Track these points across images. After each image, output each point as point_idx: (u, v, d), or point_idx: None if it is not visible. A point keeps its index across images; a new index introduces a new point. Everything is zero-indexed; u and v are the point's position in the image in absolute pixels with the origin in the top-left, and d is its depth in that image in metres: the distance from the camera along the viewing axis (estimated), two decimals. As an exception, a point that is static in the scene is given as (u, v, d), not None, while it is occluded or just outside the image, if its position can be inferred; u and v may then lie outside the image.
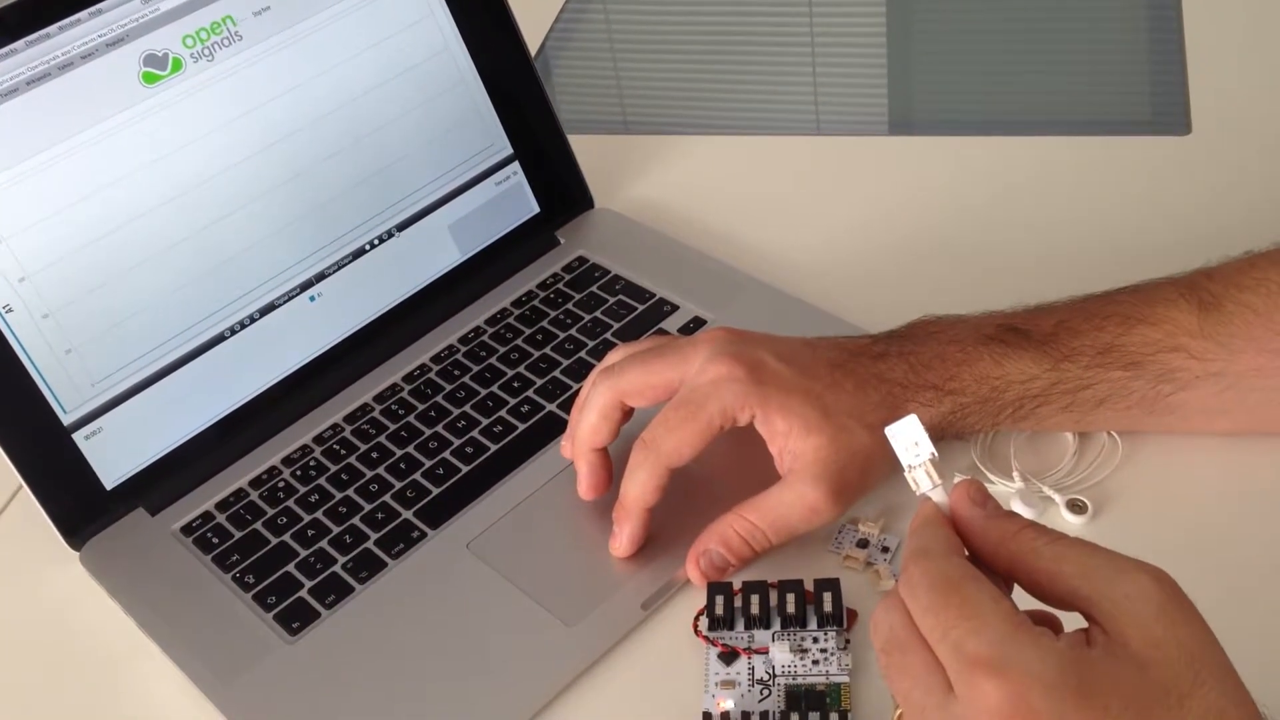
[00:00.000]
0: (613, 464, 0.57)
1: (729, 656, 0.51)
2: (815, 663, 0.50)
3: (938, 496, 0.41)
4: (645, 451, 0.54)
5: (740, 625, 0.52)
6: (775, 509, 0.53)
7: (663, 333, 0.68)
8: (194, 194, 0.63)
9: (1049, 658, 0.36)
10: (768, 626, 0.52)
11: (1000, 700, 0.36)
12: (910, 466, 0.42)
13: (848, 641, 0.51)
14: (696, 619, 0.53)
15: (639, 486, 0.54)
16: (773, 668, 0.51)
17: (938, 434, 0.55)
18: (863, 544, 0.55)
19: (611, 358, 0.58)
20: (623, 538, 0.55)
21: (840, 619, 0.52)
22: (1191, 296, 0.54)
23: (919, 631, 0.39)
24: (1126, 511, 0.55)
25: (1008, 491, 0.56)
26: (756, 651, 0.51)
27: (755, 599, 0.52)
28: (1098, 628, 0.38)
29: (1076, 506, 0.55)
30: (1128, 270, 0.58)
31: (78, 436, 0.60)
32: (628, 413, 0.57)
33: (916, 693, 0.39)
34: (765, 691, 0.50)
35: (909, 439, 0.41)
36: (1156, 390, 0.54)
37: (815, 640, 0.51)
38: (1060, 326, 0.55)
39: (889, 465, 0.53)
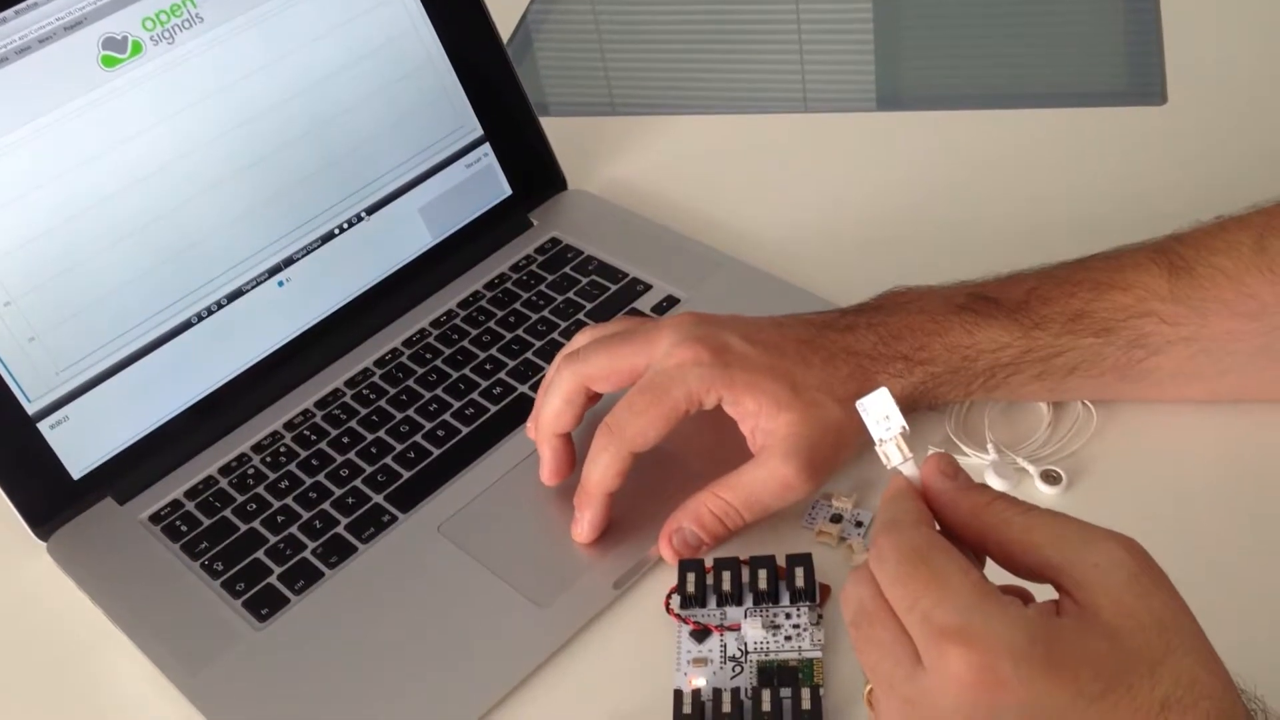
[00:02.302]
0: (575, 449, 0.57)
1: (701, 634, 0.51)
2: (788, 638, 0.50)
3: (909, 470, 0.41)
4: (608, 436, 0.53)
5: (712, 603, 0.52)
6: (748, 486, 0.53)
7: (636, 313, 0.67)
8: (157, 178, 0.62)
9: (1017, 626, 0.36)
10: (740, 603, 0.52)
11: (967, 669, 0.35)
12: (881, 440, 0.41)
13: (820, 617, 0.51)
14: (668, 597, 0.53)
15: (601, 471, 0.53)
16: (745, 644, 0.50)
17: (910, 405, 0.54)
18: (836, 519, 0.55)
19: (578, 341, 0.58)
20: (584, 523, 0.55)
21: (813, 594, 0.51)
22: (1162, 261, 0.53)
23: (888, 603, 0.38)
24: (1101, 482, 0.55)
25: (982, 463, 0.56)
26: (729, 629, 0.51)
27: (727, 575, 0.52)
28: (1068, 598, 0.37)
29: (1051, 477, 0.55)
30: (1106, 240, 0.57)
31: (43, 425, 0.60)
32: (592, 397, 0.56)
33: (885, 664, 0.38)
34: (738, 668, 0.49)
35: (880, 413, 0.41)
36: (1129, 356, 0.53)
37: (788, 616, 0.51)
38: (1031, 294, 0.55)
39: (862, 439, 0.52)
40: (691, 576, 0.52)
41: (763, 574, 0.51)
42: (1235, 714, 0.36)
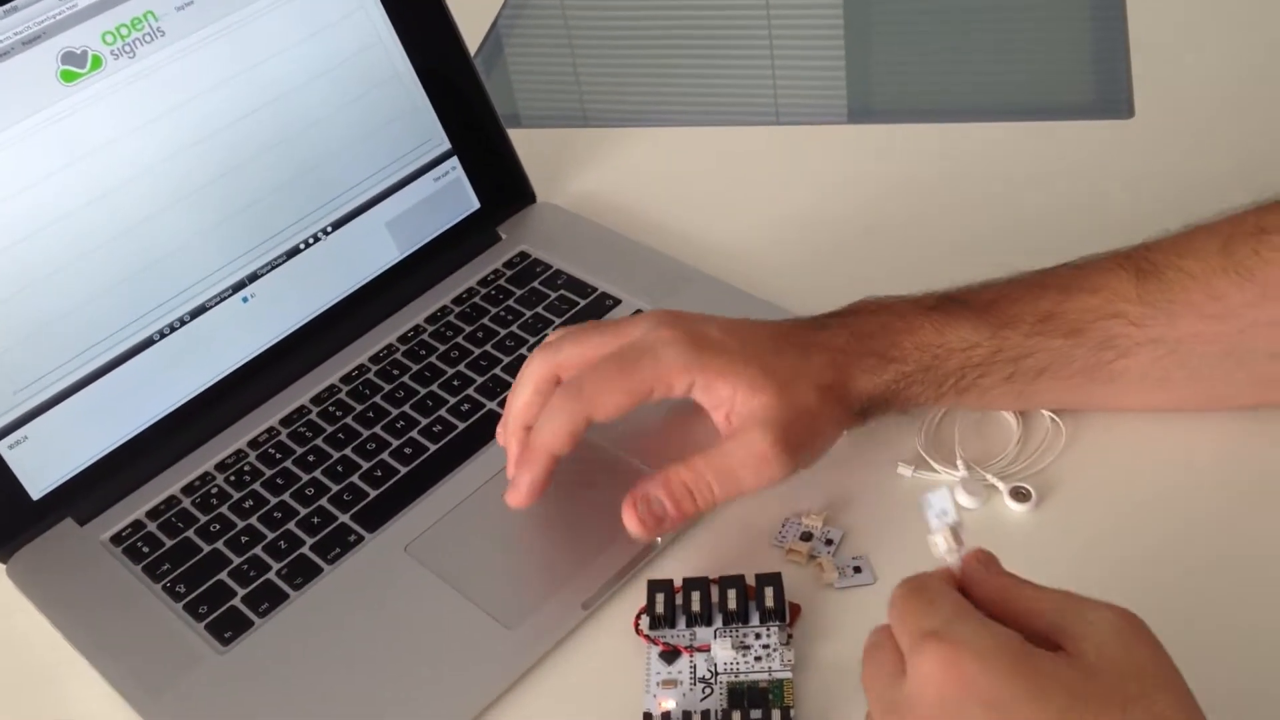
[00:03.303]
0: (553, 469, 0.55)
1: (670, 655, 0.50)
2: (758, 659, 0.50)
3: (952, 560, 0.42)
4: (567, 395, 0.52)
5: (682, 623, 0.51)
6: (722, 458, 0.51)
7: (605, 327, 0.67)
8: (118, 194, 0.61)
9: (989, 632, 0.38)
10: (709, 624, 0.51)
11: (936, 665, 0.37)
12: (933, 530, 0.42)
13: (790, 637, 0.50)
14: (637, 618, 0.52)
15: (552, 429, 0.52)
16: (715, 665, 0.50)
17: (882, 405, 0.55)
18: (806, 537, 0.54)
19: (551, 337, 0.57)
20: (521, 484, 0.53)
21: (782, 614, 0.51)
22: (1129, 265, 0.53)
23: (892, 633, 0.40)
24: (1069, 499, 0.55)
25: (951, 480, 0.56)
26: (698, 650, 0.50)
27: (696, 596, 0.51)
28: (1061, 649, 0.38)
29: (1020, 494, 0.54)
30: (1073, 252, 0.57)
31: (2, 446, 0.59)
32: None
33: (878, 683, 0.40)
34: (707, 690, 0.49)
35: (940, 508, 0.42)
36: (1098, 358, 0.53)
37: (758, 636, 0.50)
38: (1000, 296, 0.55)
39: (836, 429, 0.54)
40: (661, 597, 0.52)
41: (732, 594, 0.51)
42: None
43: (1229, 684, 0.47)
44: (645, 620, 0.52)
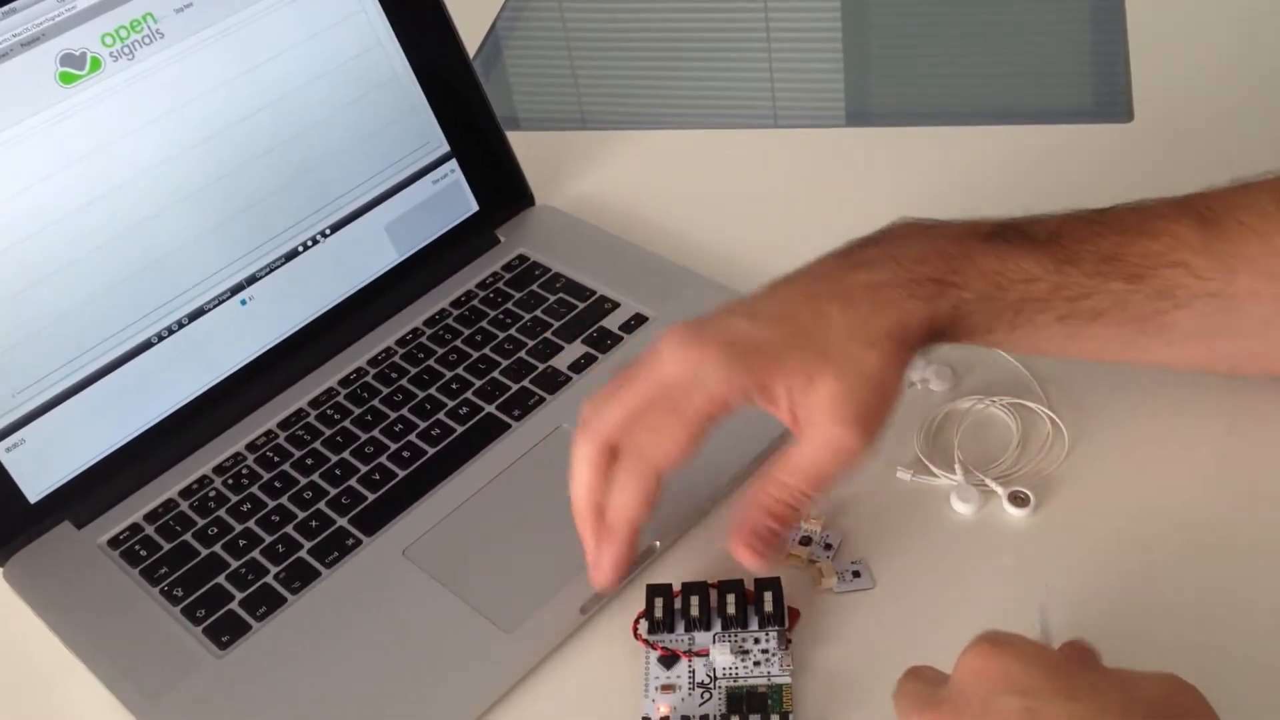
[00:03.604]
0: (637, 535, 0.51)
1: (669, 660, 0.50)
2: (757, 664, 0.49)
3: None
4: (629, 460, 0.48)
5: (680, 628, 0.51)
6: (808, 464, 0.48)
7: (604, 330, 0.67)
8: (116, 196, 0.61)
9: (1035, 645, 0.39)
10: (708, 628, 0.51)
11: (980, 656, 0.39)
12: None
13: (789, 642, 0.50)
14: (636, 622, 0.52)
15: (625, 500, 0.48)
16: (714, 670, 0.50)
17: (936, 334, 0.51)
18: (805, 541, 0.54)
19: (583, 411, 0.51)
20: (605, 563, 0.50)
21: (782, 619, 0.51)
22: (1191, 211, 0.51)
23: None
24: (1068, 504, 0.55)
25: (949, 484, 0.56)
26: (697, 654, 0.50)
27: (695, 600, 0.51)
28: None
29: (1018, 499, 0.54)
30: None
31: (-1, 449, 0.59)
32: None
33: (917, 685, 0.41)
34: (706, 695, 0.49)
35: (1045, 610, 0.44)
36: (1154, 306, 0.51)
37: (756, 641, 0.50)
38: (1060, 230, 0.52)
39: (901, 376, 0.50)
40: (659, 601, 0.52)
41: (731, 599, 0.51)
42: None
43: (1229, 688, 0.47)
44: (644, 625, 0.52)
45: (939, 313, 0.50)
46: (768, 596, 0.51)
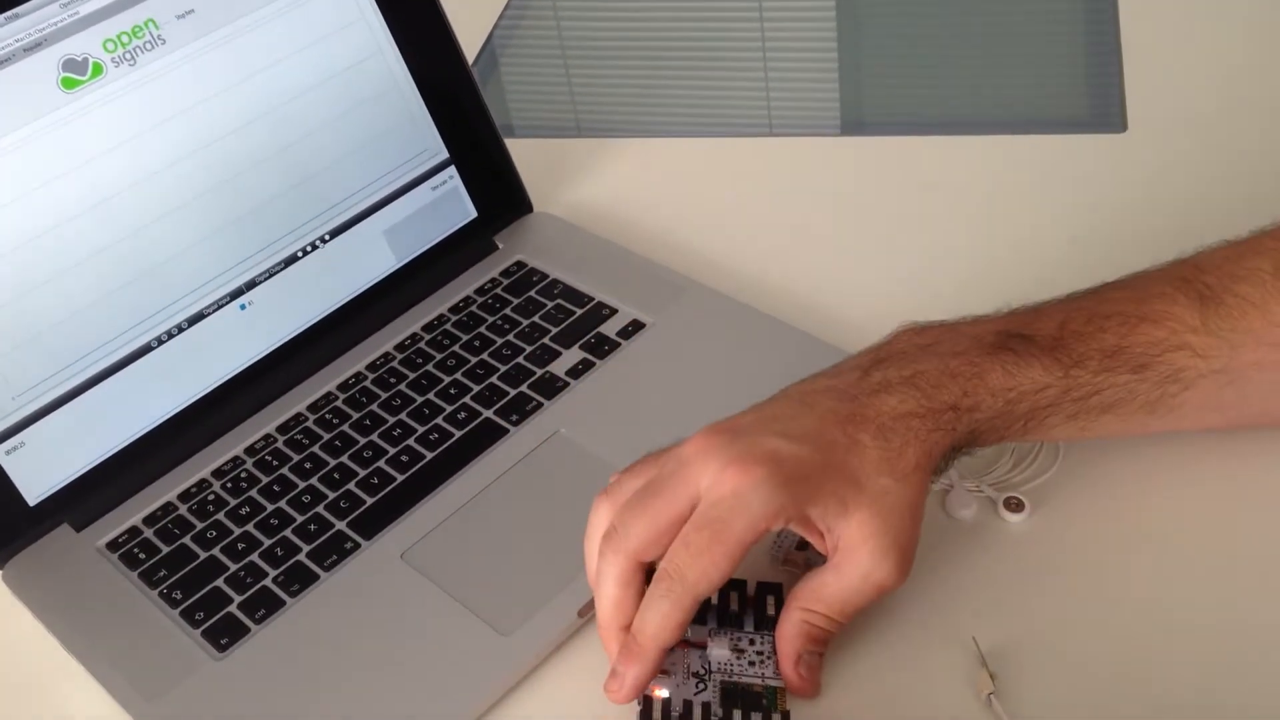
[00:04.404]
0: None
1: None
2: (751, 664, 0.50)
3: None
4: (668, 581, 0.47)
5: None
6: (843, 598, 0.49)
7: (601, 336, 0.67)
8: (116, 201, 0.61)
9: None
10: (704, 623, 0.51)
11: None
12: None
13: (785, 646, 0.51)
14: (635, 615, 0.52)
15: (659, 621, 0.47)
16: (709, 663, 0.50)
17: (949, 457, 0.51)
18: (802, 547, 0.55)
19: (601, 512, 0.50)
20: (626, 681, 0.48)
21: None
22: (1189, 290, 0.51)
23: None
24: (1063, 510, 0.55)
25: (945, 489, 0.56)
26: (694, 644, 0.50)
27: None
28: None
29: (1014, 505, 0.55)
30: (1066, 268, 0.58)
31: (-1, 451, 0.59)
32: (650, 570, 0.49)
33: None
34: (701, 685, 0.49)
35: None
36: (1162, 392, 0.51)
37: (751, 642, 0.50)
38: (1063, 329, 0.52)
39: (924, 498, 0.50)
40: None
41: (733, 596, 0.51)
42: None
43: (1221, 693, 0.48)
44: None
45: (958, 439, 0.51)
46: (769, 600, 0.51)
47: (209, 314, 0.64)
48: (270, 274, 0.66)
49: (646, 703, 0.48)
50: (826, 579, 0.49)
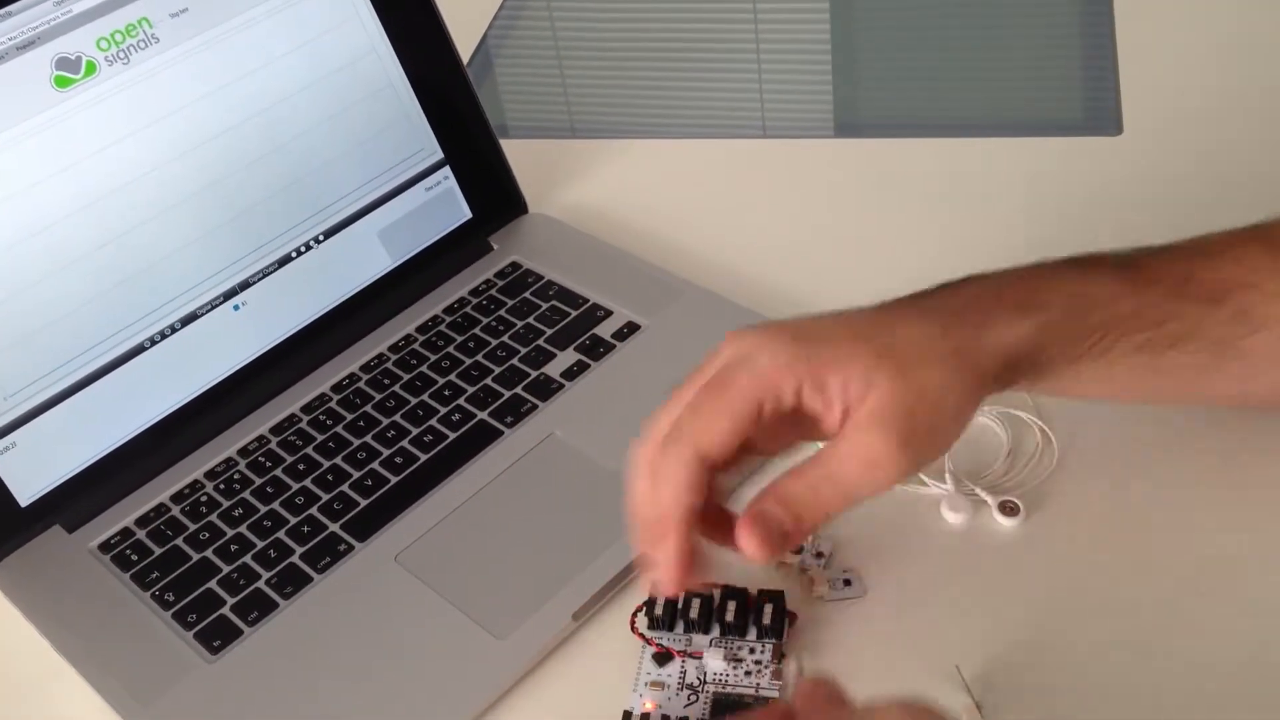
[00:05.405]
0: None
1: (663, 658, 0.51)
2: (748, 673, 0.50)
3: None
4: (669, 444, 0.44)
5: (680, 628, 0.52)
6: (834, 464, 0.43)
7: (596, 338, 0.67)
8: (109, 200, 0.61)
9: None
10: (706, 632, 0.51)
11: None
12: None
13: (783, 656, 0.50)
14: (634, 615, 0.52)
15: (671, 485, 0.43)
16: (704, 674, 0.50)
17: (1020, 367, 0.47)
18: (798, 550, 0.55)
19: (659, 422, 0.46)
20: (658, 563, 0.44)
21: (780, 632, 0.51)
22: (1261, 237, 0.51)
23: None
24: (1058, 513, 0.55)
25: (940, 493, 0.56)
26: (691, 655, 0.50)
27: (696, 602, 0.51)
28: None
29: (1008, 509, 0.55)
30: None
31: (-10, 452, 0.59)
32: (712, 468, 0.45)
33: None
34: (693, 697, 0.49)
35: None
36: (1231, 331, 0.49)
37: (751, 651, 0.50)
38: (1137, 254, 0.50)
39: (972, 402, 0.45)
40: (662, 598, 0.52)
41: (732, 605, 0.51)
42: None
43: (1215, 697, 0.48)
44: (642, 619, 0.52)
45: (1021, 337, 0.46)
46: (768, 609, 0.51)
47: (202, 314, 0.64)
48: (264, 274, 0.66)
49: (626, 716, 0.48)
50: (830, 447, 0.44)
